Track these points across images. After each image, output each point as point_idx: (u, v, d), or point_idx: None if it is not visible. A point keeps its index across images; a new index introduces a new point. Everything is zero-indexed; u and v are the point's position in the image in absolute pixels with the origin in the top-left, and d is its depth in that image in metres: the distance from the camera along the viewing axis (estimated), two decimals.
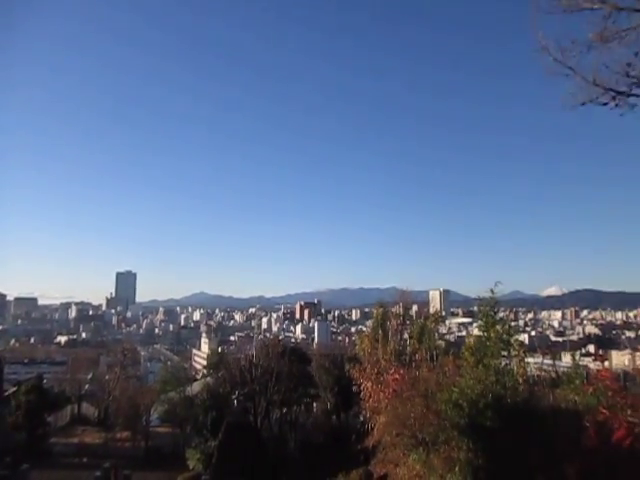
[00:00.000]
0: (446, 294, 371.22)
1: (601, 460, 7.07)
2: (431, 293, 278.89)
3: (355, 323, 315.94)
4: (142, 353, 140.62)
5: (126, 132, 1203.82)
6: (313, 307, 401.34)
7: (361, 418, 26.97)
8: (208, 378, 42.42)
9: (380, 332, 24.51)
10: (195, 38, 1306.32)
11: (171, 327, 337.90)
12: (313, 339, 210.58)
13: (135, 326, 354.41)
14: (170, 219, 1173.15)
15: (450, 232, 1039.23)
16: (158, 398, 41.77)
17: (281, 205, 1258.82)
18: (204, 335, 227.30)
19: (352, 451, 24.73)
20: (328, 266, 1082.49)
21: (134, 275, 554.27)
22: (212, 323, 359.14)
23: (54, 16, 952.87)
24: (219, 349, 77.13)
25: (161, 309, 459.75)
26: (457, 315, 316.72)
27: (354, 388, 21.35)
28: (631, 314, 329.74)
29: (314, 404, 40.13)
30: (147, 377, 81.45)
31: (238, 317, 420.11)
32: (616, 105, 6.44)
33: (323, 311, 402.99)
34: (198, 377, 53.81)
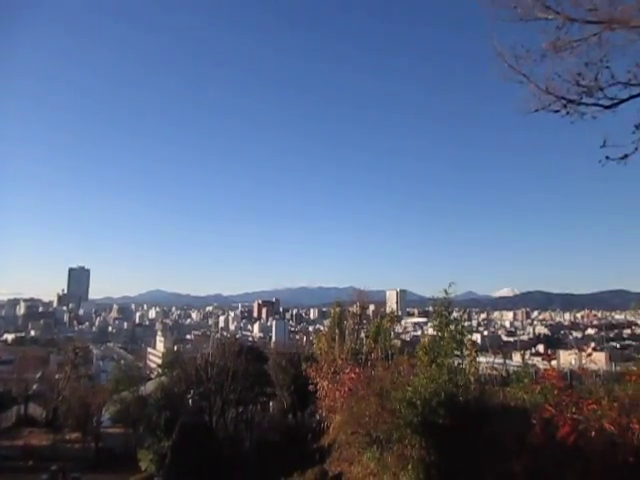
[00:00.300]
0: (402, 294, 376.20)
1: (547, 456, 7.29)
2: (388, 293, 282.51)
3: (313, 322, 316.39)
4: (94, 351, 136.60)
5: (79, 128, 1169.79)
6: (271, 306, 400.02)
7: (317, 417, 27.03)
8: (163, 377, 41.68)
9: (337, 331, 24.65)
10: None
11: (125, 325, 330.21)
12: (271, 338, 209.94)
13: (88, 324, 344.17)
14: (126, 214, 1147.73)
15: (407, 233, 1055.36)
16: (110, 398, 40.83)
17: (239, 203, 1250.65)
18: (159, 333, 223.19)
19: (308, 450, 24.76)
20: (287, 265, 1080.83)
21: (87, 271, 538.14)
22: (168, 321, 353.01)
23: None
24: (175, 348, 76.01)
25: (115, 306, 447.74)
26: (413, 315, 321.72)
27: (310, 387, 21.43)
28: (578, 315, 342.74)
29: (270, 403, 39.99)
30: (99, 376, 79.26)
31: (195, 315, 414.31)
32: (567, 113, 6.65)
33: (281, 310, 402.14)
34: (152, 376, 52.84)
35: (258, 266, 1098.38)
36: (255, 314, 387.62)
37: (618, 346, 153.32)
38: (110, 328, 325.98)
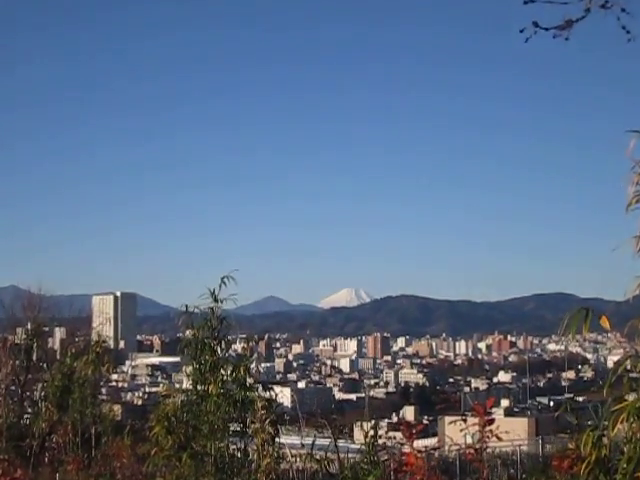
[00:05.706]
0: (130, 301, 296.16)
1: None
2: (97, 299, 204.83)
3: None
4: None
5: None
6: None
7: None
8: None
9: None
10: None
11: None
12: None
13: None
14: None
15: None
16: None
17: None
18: None
19: None
20: None
21: None
22: None
23: None
24: None
25: None
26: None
27: None
28: (481, 344, 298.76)
29: None
30: None
31: None
32: None
33: None
34: None
35: None
36: None
37: (552, 404, 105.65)
38: None
